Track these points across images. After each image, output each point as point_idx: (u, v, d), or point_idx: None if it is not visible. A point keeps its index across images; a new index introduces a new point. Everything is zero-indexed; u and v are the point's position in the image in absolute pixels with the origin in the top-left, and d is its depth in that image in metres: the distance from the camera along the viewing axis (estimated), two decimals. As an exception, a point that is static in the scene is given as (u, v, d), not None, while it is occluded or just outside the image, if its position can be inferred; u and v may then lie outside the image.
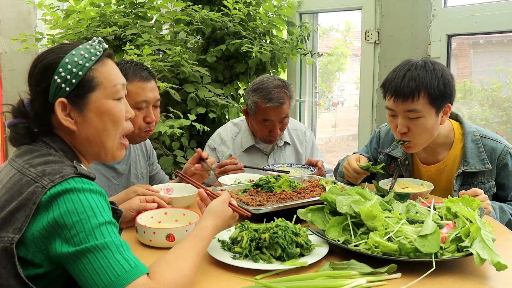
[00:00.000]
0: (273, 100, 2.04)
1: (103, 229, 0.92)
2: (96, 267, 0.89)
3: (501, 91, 2.86)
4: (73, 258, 0.90)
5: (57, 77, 1.01)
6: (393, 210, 1.31)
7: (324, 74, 3.88)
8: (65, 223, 0.90)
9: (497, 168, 1.71)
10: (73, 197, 0.92)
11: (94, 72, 1.05)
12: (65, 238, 0.90)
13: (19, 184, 0.95)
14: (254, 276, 1.09)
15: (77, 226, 0.90)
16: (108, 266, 0.89)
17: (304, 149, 2.30)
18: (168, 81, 2.74)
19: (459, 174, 1.72)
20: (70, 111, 1.03)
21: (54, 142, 1.05)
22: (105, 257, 0.90)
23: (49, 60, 1.03)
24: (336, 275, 1.07)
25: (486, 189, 1.70)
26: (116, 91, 1.08)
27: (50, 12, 3.17)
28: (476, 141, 1.72)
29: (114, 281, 0.88)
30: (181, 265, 0.97)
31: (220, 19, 2.97)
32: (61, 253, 0.90)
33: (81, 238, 0.90)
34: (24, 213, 0.91)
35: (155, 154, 2.04)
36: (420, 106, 1.59)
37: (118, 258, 0.90)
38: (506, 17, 2.48)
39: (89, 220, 0.91)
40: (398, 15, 2.83)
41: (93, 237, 0.90)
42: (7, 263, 0.90)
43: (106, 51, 1.08)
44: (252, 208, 1.41)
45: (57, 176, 0.93)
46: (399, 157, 1.85)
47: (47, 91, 1.02)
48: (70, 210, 0.90)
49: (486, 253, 1.07)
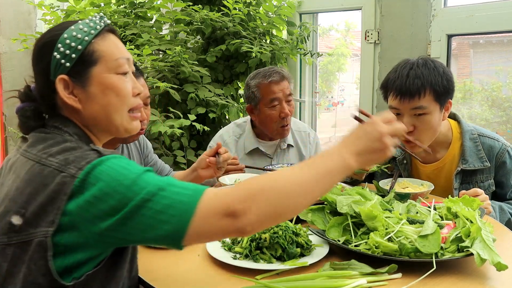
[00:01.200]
0: (274, 74, 2.09)
1: (145, 176, 0.87)
2: (159, 209, 0.84)
3: (501, 91, 2.86)
4: (130, 214, 0.84)
5: (57, 53, 0.97)
6: (393, 210, 1.31)
7: (324, 74, 3.88)
8: (106, 194, 0.84)
9: (496, 166, 1.72)
10: (103, 168, 0.87)
11: (95, 46, 0.99)
12: (112, 206, 0.84)
13: (42, 175, 0.89)
14: (254, 276, 1.09)
15: (121, 188, 0.85)
16: (171, 201, 0.84)
17: (308, 151, 2.29)
18: (168, 81, 2.74)
19: (458, 172, 1.72)
20: (72, 88, 0.99)
21: (67, 126, 1.00)
22: (163, 196, 0.85)
23: (47, 38, 0.99)
24: (337, 275, 1.07)
25: (485, 187, 1.71)
26: (118, 65, 1.02)
27: (50, 12, 3.17)
28: (474, 140, 1.73)
29: (183, 208, 0.84)
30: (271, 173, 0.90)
31: (220, 19, 2.97)
32: (113, 221, 0.84)
33: (130, 195, 0.84)
34: (55, 205, 0.86)
35: (150, 145, 2.01)
36: (426, 103, 1.61)
37: (175, 190, 0.86)
38: (506, 17, 2.48)
39: (128, 177, 0.86)
40: (398, 15, 2.83)
41: (141, 187, 0.85)
42: (39, 259, 0.86)
43: (107, 26, 1.04)
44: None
45: (83, 162, 0.88)
46: (397, 157, 1.86)
47: (48, 69, 0.98)
48: (105, 180, 0.85)
49: (486, 253, 1.07)
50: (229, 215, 0.84)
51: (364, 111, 1.08)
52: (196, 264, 1.18)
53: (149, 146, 2.01)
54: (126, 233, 0.85)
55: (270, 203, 0.86)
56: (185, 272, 1.14)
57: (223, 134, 2.26)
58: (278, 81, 2.09)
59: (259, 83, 2.10)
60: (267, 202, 0.86)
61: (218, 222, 0.84)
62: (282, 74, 2.11)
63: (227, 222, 0.84)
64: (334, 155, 0.93)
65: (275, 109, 2.09)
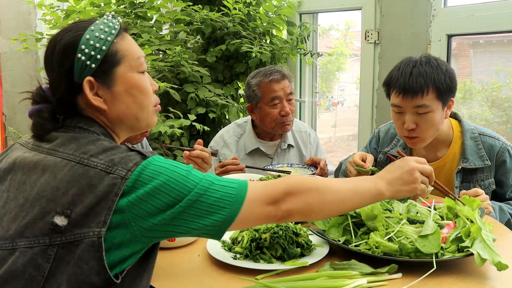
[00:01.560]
0: (275, 73, 2.10)
1: (195, 173, 0.92)
2: (212, 201, 0.89)
3: (501, 91, 2.86)
4: (183, 210, 0.88)
5: (81, 54, 0.96)
6: (393, 210, 1.31)
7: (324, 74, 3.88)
8: (162, 190, 0.87)
9: (496, 165, 1.73)
10: (153, 167, 0.90)
11: (117, 46, 1.00)
12: (167, 203, 0.87)
13: (87, 177, 0.88)
14: (254, 276, 1.09)
15: (175, 185, 0.89)
16: (221, 194, 0.90)
17: (309, 152, 2.29)
18: (168, 81, 2.74)
19: (459, 170, 1.73)
20: (97, 89, 0.98)
21: (92, 126, 1.00)
22: (214, 190, 0.90)
23: (68, 39, 0.97)
24: (337, 275, 1.07)
25: (485, 186, 1.72)
26: (140, 64, 1.04)
27: (50, 12, 3.16)
28: (474, 139, 1.74)
29: (232, 201, 0.91)
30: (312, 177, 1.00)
31: (220, 19, 2.97)
32: (166, 215, 0.87)
33: (185, 191, 0.89)
34: (105, 205, 0.86)
35: (150, 149, 2.05)
36: (429, 101, 1.61)
37: (222, 183, 0.92)
38: (506, 17, 2.48)
39: (180, 174, 0.90)
40: (398, 15, 2.83)
41: (192, 183, 0.90)
42: (90, 259, 0.85)
43: (122, 26, 1.04)
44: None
45: (130, 164, 0.89)
46: (399, 157, 1.85)
47: (71, 72, 0.96)
48: (158, 179, 0.88)
49: (487, 253, 1.07)
50: (271, 203, 0.95)
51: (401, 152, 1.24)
52: (196, 264, 1.18)
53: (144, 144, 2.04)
54: (175, 226, 0.90)
55: (308, 198, 0.98)
56: (185, 272, 1.14)
57: (223, 134, 2.26)
58: (279, 79, 2.10)
59: (259, 82, 2.11)
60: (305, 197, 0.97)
61: (262, 210, 0.94)
62: (283, 73, 2.11)
63: (269, 209, 0.95)
64: (369, 180, 1.06)
65: (276, 108, 2.10)
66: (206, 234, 0.93)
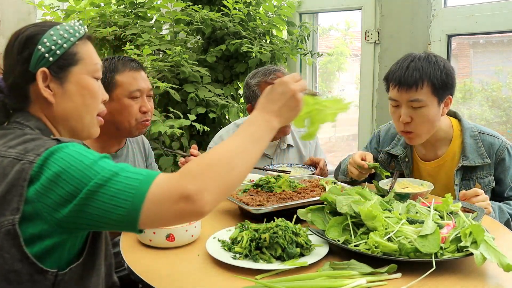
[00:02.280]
0: (274, 72, 2.11)
1: (101, 162, 0.91)
2: (112, 194, 0.87)
3: (501, 91, 2.86)
4: (85, 201, 0.87)
5: (41, 46, 1.02)
6: (393, 210, 1.31)
7: (324, 74, 3.88)
8: (63, 179, 0.88)
9: (495, 163, 1.74)
10: (60, 154, 0.90)
11: (78, 47, 1.06)
12: (68, 193, 0.88)
13: (1, 167, 0.92)
14: (254, 276, 1.09)
15: (75, 174, 0.88)
16: (123, 186, 0.87)
17: (308, 151, 2.29)
18: (168, 81, 2.74)
19: (459, 168, 1.74)
20: (50, 82, 1.04)
21: (29, 120, 1.04)
22: (116, 181, 0.88)
23: (32, 31, 1.04)
24: (336, 275, 1.07)
25: (485, 184, 1.73)
26: (96, 69, 1.10)
27: (50, 12, 3.17)
28: (474, 137, 1.75)
29: (135, 193, 0.86)
30: (212, 149, 0.94)
31: (220, 19, 2.97)
32: (69, 210, 0.87)
33: (85, 181, 0.88)
34: (16, 192, 0.89)
35: (153, 154, 2.04)
36: (423, 96, 1.63)
37: (128, 175, 0.89)
38: (506, 17, 2.48)
39: (83, 163, 0.89)
40: (398, 15, 2.83)
41: (96, 173, 0.88)
42: (10, 247, 0.88)
43: (86, 33, 1.11)
44: (252, 208, 1.41)
45: (42, 149, 0.92)
46: (399, 155, 1.87)
47: (29, 60, 1.02)
48: (62, 166, 0.89)
49: (491, 254, 1.06)
50: (184, 198, 0.85)
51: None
52: (196, 264, 1.18)
53: (152, 156, 2.04)
54: (84, 219, 0.88)
55: (220, 178, 0.89)
56: (185, 272, 1.14)
57: (223, 134, 2.26)
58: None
59: (259, 82, 2.11)
60: (218, 178, 0.89)
61: (173, 207, 0.85)
62: (282, 72, 2.12)
63: (183, 206, 0.85)
64: (260, 121, 1.02)
65: None
66: (122, 229, 0.91)
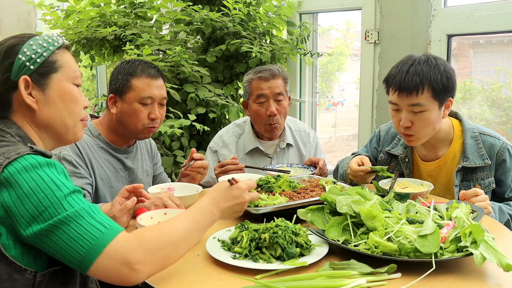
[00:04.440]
0: (264, 71, 2.11)
1: (70, 199, 0.94)
2: (72, 236, 0.91)
3: (501, 91, 2.86)
4: (46, 233, 0.91)
5: (22, 55, 1.06)
6: (393, 210, 1.31)
7: (324, 74, 3.88)
8: (30, 202, 0.90)
9: (496, 164, 1.73)
10: (33, 175, 0.92)
11: (57, 56, 1.11)
12: (32, 218, 0.90)
13: None
14: (254, 276, 1.09)
15: (43, 202, 0.91)
16: (84, 232, 0.91)
17: (308, 151, 2.29)
18: (168, 81, 2.74)
19: (459, 169, 1.73)
20: (32, 89, 1.07)
21: (10, 128, 1.06)
22: (79, 224, 0.92)
23: (13, 42, 1.08)
24: (336, 275, 1.07)
25: (485, 185, 1.72)
26: (76, 76, 1.14)
27: (50, 12, 3.17)
28: (475, 138, 1.74)
29: (93, 244, 0.91)
30: (166, 226, 1.02)
31: (220, 19, 2.97)
32: (32, 233, 0.90)
33: (51, 212, 0.91)
34: None
35: (159, 155, 2.05)
36: (424, 100, 1.62)
37: (92, 222, 0.93)
38: (506, 17, 2.48)
39: (54, 194, 0.92)
40: (398, 15, 2.83)
41: (62, 209, 0.91)
42: None
43: (65, 44, 1.15)
44: (252, 208, 1.41)
45: (13, 153, 0.94)
46: (399, 155, 1.86)
47: (10, 69, 1.05)
48: (33, 188, 0.91)
49: (492, 254, 1.06)
50: (130, 266, 0.94)
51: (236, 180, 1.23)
52: (196, 264, 1.18)
53: (159, 157, 2.05)
54: (42, 246, 0.92)
55: (166, 258, 1.00)
56: (185, 272, 1.14)
57: (222, 134, 2.26)
58: (267, 78, 2.09)
59: (250, 79, 2.14)
60: (164, 258, 1.00)
61: (119, 268, 0.93)
62: (273, 72, 2.10)
63: (126, 271, 0.94)
64: (208, 212, 1.13)
65: (263, 106, 2.11)
66: (70, 265, 0.94)
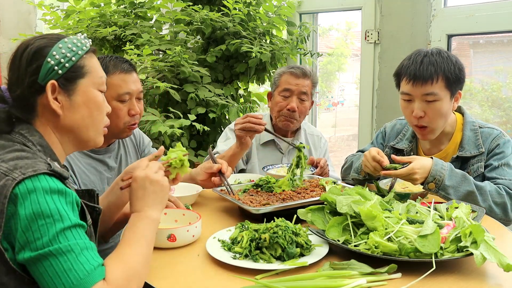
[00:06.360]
0: (297, 68, 2.20)
1: (68, 233, 0.92)
2: (58, 270, 0.89)
3: (501, 91, 2.86)
4: (34, 261, 0.89)
5: (50, 59, 1.04)
6: (393, 210, 1.31)
7: (324, 74, 3.88)
8: (29, 226, 0.89)
9: (489, 149, 1.74)
10: (40, 199, 0.91)
11: (85, 61, 1.09)
12: (27, 241, 0.89)
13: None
14: (254, 276, 1.09)
15: (41, 229, 0.89)
16: (70, 269, 0.89)
17: (318, 155, 2.35)
18: (168, 81, 2.74)
19: (453, 159, 1.75)
20: (58, 94, 1.05)
21: (32, 135, 1.04)
22: (67, 260, 0.90)
23: (42, 43, 1.05)
24: (336, 275, 1.07)
25: (473, 170, 1.73)
26: (102, 83, 1.13)
27: (50, 12, 3.17)
28: (474, 130, 1.78)
29: (76, 284, 0.89)
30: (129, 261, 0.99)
31: (220, 19, 2.97)
32: (22, 258, 0.90)
33: (44, 242, 0.89)
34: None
35: (147, 138, 1.97)
36: (437, 89, 1.66)
37: (82, 261, 0.91)
38: (506, 17, 2.48)
39: (54, 224, 0.90)
40: (398, 15, 2.83)
41: (57, 241, 0.90)
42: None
43: (91, 47, 1.13)
44: (252, 208, 1.41)
45: (30, 169, 0.92)
46: (405, 149, 1.88)
47: (37, 73, 1.03)
48: (36, 213, 0.90)
49: (492, 254, 1.06)
50: None
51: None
52: (196, 264, 1.18)
53: (146, 140, 1.97)
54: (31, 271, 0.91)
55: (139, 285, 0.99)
56: (185, 272, 1.14)
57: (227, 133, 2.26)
58: (298, 75, 2.18)
59: (282, 72, 2.23)
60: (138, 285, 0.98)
61: None
62: (304, 71, 2.19)
63: None
64: (143, 222, 1.07)
65: (285, 100, 2.18)
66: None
